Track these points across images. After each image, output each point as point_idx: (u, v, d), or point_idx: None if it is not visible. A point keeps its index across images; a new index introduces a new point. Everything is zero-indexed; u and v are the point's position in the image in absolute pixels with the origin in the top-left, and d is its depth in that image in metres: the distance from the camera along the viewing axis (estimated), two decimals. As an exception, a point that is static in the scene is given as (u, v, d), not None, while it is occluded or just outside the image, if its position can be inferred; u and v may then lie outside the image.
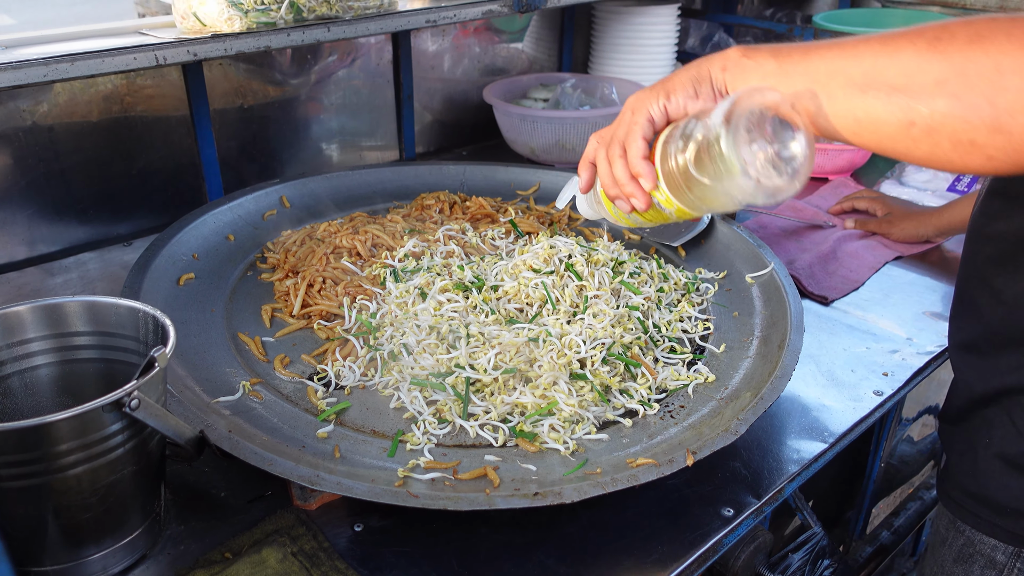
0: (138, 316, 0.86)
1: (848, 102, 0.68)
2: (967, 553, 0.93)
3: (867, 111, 0.67)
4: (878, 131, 0.67)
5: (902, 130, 0.65)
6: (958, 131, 0.62)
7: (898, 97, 0.65)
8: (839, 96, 0.69)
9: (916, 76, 0.63)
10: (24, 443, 0.70)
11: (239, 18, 1.23)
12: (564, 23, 2.24)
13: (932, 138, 0.64)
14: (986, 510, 0.90)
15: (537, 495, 0.82)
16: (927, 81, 0.63)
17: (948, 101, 0.62)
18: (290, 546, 0.84)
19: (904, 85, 0.64)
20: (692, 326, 1.19)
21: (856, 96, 0.67)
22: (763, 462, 0.98)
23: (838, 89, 0.69)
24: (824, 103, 0.70)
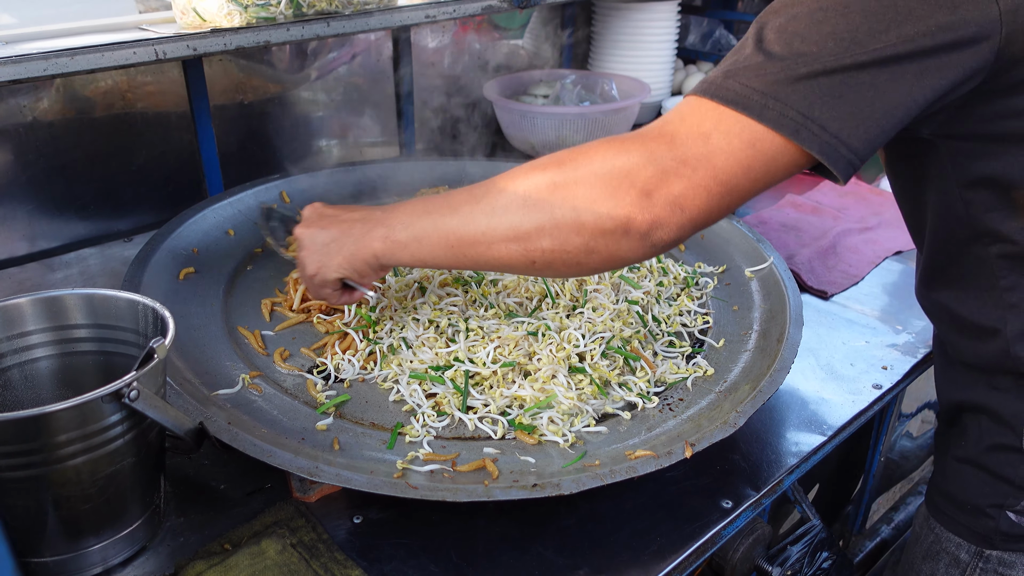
0: (137, 308, 0.86)
1: (481, 255, 0.84)
2: (935, 550, 0.95)
3: (497, 260, 0.83)
4: (511, 268, 0.84)
5: (527, 266, 0.82)
6: (565, 259, 0.79)
7: (515, 247, 0.80)
8: (472, 253, 0.84)
9: (521, 229, 0.79)
10: (23, 434, 0.70)
11: (239, 13, 1.23)
12: (564, 19, 2.24)
13: (551, 267, 0.81)
14: (952, 507, 0.92)
15: (536, 487, 0.82)
16: (530, 231, 0.79)
17: (549, 242, 0.78)
18: (289, 538, 0.84)
19: (515, 237, 0.80)
20: (691, 320, 1.19)
21: (485, 251, 0.83)
22: (762, 455, 0.98)
23: (469, 248, 0.84)
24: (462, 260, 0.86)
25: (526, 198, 0.79)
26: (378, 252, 0.93)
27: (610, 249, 0.76)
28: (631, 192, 0.73)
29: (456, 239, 0.85)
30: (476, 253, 0.84)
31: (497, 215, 0.81)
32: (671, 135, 0.74)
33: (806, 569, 1.04)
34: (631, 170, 0.74)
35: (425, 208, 0.89)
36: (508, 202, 0.81)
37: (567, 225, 0.77)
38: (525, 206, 0.79)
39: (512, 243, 0.81)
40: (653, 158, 0.73)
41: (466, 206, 0.85)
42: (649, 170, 0.73)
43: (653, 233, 0.74)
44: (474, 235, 0.83)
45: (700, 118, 0.73)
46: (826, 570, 1.05)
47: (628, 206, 0.74)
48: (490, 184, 0.84)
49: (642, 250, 0.76)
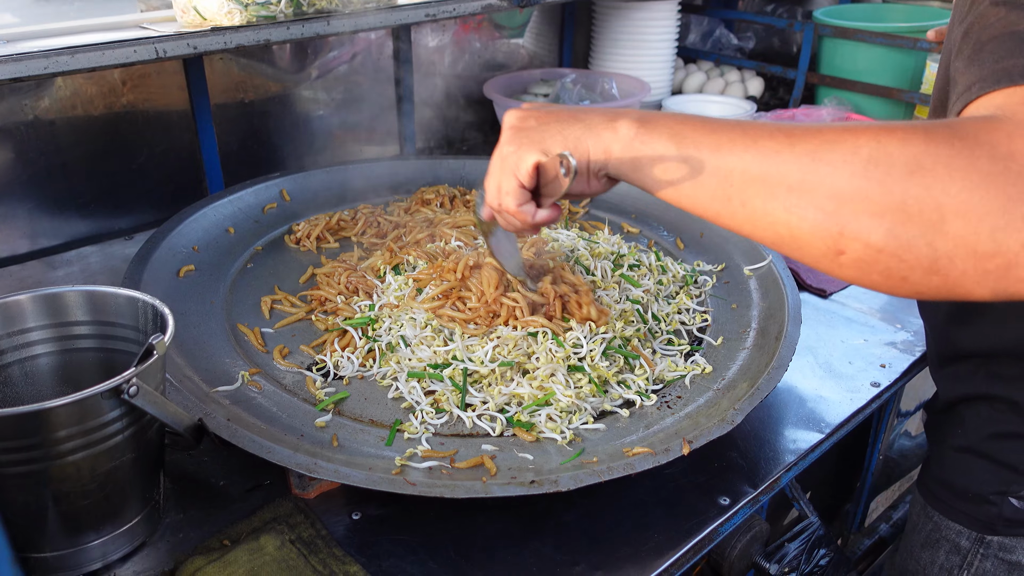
0: (137, 305, 0.87)
1: (767, 215, 0.61)
2: (934, 538, 0.95)
3: (791, 229, 0.60)
4: (801, 249, 0.61)
5: (829, 256, 0.59)
6: (890, 268, 0.56)
7: (827, 223, 0.58)
8: (757, 205, 0.61)
9: (849, 203, 0.57)
10: (23, 429, 0.70)
11: (239, 12, 1.23)
12: (564, 18, 2.24)
13: (862, 268, 0.58)
14: (951, 495, 0.92)
15: (533, 483, 0.82)
16: (860, 210, 0.56)
17: (883, 236, 0.56)
18: (288, 534, 0.84)
19: (834, 210, 0.57)
20: (690, 318, 1.19)
21: (780, 211, 0.60)
22: (760, 452, 0.99)
23: (756, 197, 0.61)
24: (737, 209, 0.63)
25: (871, 163, 0.56)
26: (615, 152, 0.69)
27: (962, 280, 0.55)
28: None
29: (743, 178, 0.62)
30: (763, 207, 0.61)
31: (819, 170, 0.58)
32: None
33: (803, 566, 1.05)
34: None
35: (702, 123, 0.66)
36: (841, 160, 0.57)
37: (921, 225, 0.54)
38: (867, 175, 0.56)
39: (826, 216, 0.57)
40: None
41: (769, 141, 0.61)
42: None
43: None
44: (773, 183, 0.60)
45: None
46: (823, 567, 1.06)
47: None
48: (815, 128, 0.61)
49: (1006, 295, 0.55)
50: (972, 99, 0.59)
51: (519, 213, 0.78)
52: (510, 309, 1.04)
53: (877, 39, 2.01)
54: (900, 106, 2.09)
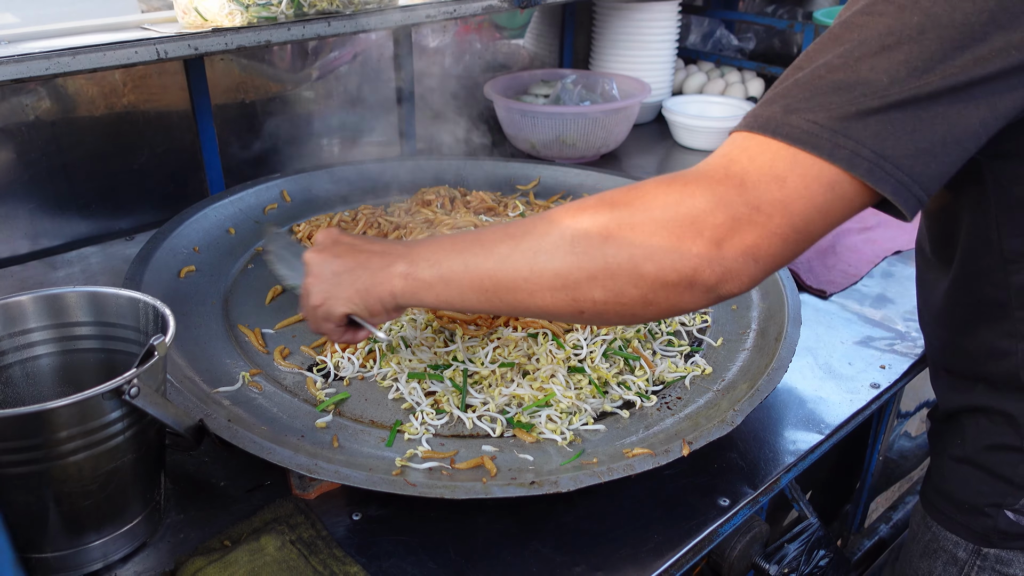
0: (138, 306, 0.87)
1: (521, 303, 0.75)
2: (932, 549, 0.95)
3: (540, 308, 0.75)
4: (556, 317, 0.75)
5: (575, 316, 0.74)
6: (619, 311, 0.71)
7: (561, 295, 0.72)
8: (510, 299, 0.75)
9: (570, 277, 0.71)
10: (25, 430, 0.70)
11: (240, 13, 1.23)
12: (565, 19, 2.25)
13: (602, 317, 0.73)
14: (949, 506, 0.92)
15: (534, 484, 0.83)
16: (580, 279, 0.70)
17: (602, 292, 0.70)
18: (289, 534, 0.84)
19: (562, 286, 0.72)
20: (689, 319, 1.20)
21: (527, 298, 0.74)
22: (760, 453, 0.99)
23: (506, 294, 0.75)
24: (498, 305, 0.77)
25: (575, 242, 0.71)
26: (397, 290, 0.83)
27: (671, 301, 0.69)
28: (698, 241, 0.66)
29: (492, 283, 0.76)
30: (515, 299, 0.75)
31: (541, 260, 0.72)
32: (740, 178, 0.66)
33: (803, 567, 1.05)
34: (698, 216, 0.66)
35: (454, 246, 0.80)
36: (553, 246, 0.72)
37: (623, 275, 0.69)
38: (574, 251, 0.71)
39: (559, 291, 0.72)
40: (722, 203, 0.65)
41: (502, 246, 0.75)
42: (719, 217, 0.65)
43: (722, 286, 0.67)
44: (514, 280, 0.74)
45: (771, 159, 0.65)
46: (823, 568, 1.06)
47: (695, 257, 0.66)
48: (530, 224, 0.75)
49: (706, 301, 0.70)
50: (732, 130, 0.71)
51: (344, 339, 0.93)
52: None
53: (877, 40, 2.01)
54: (900, 107, 2.09)
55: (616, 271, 0.69)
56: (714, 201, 0.66)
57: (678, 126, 2.02)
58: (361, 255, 0.87)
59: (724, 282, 0.67)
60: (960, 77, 0.62)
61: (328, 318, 0.89)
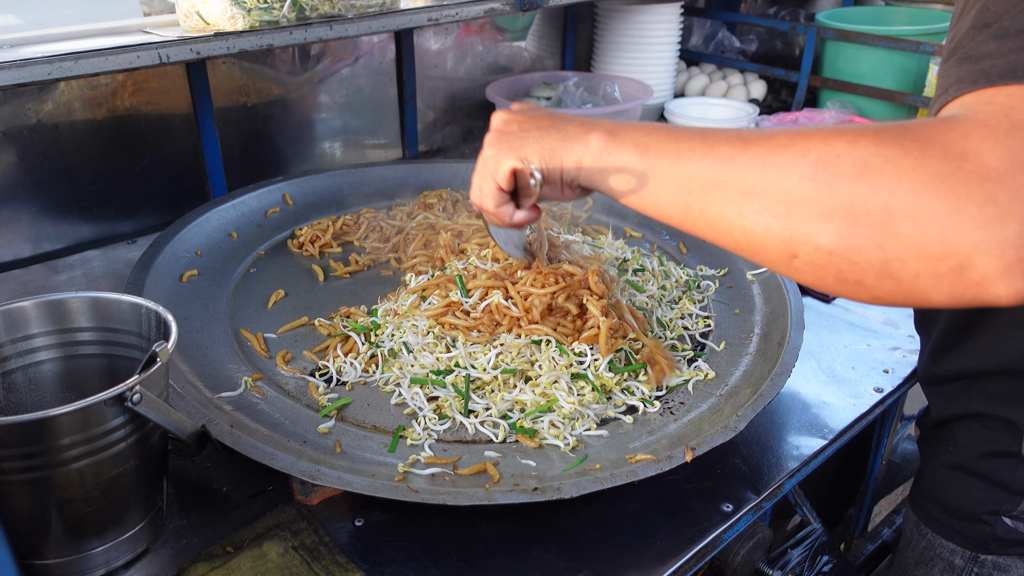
0: (140, 312, 0.87)
1: (724, 219, 0.62)
2: (928, 556, 0.94)
3: (746, 233, 0.61)
4: (758, 254, 0.62)
5: (784, 260, 0.60)
6: (844, 271, 0.56)
7: (779, 226, 0.58)
8: (714, 210, 0.63)
9: (798, 206, 0.57)
10: (27, 437, 0.70)
11: (242, 16, 1.23)
12: (567, 21, 2.24)
13: (816, 272, 0.58)
14: (945, 514, 0.91)
15: (536, 490, 0.82)
16: (809, 213, 0.57)
17: (833, 239, 0.56)
18: (291, 540, 0.84)
19: (785, 213, 0.58)
20: (693, 323, 1.19)
21: (734, 215, 0.61)
22: (763, 458, 0.98)
23: (713, 204, 0.63)
24: (697, 215, 0.65)
25: (820, 165, 0.56)
26: (585, 162, 0.72)
27: (916, 283, 0.53)
28: (989, 210, 0.50)
29: (700, 184, 0.63)
30: (720, 213, 0.62)
31: (770, 174, 0.59)
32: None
33: (807, 573, 1.05)
34: (992, 176, 0.50)
35: (669, 133, 0.68)
36: (791, 161, 0.58)
37: (870, 225, 0.54)
38: (815, 176, 0.56)
39: (778, 220, 0.58)
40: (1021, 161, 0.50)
41: (727, 147, 0.62)
42: (1020, 180, 0.50)
43: (1004, 280, 0.50)
44: (728, 189, 0.61)
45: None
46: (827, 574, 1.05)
47: (980, 231, 0.50)
48: (770, 133, 0.61)
49: (963, 300, 0.53)
50: (948, 100, 0.58)
51: (498, 213, 0.84)
52: (513, 319, 1.04)
53: (880, 42, 2.01)
54: (903, 109, 2.09)
55: (862, 217, 0.54)
56: (1011, 160, 0.50)
57: (680, 128, 2.01)
58: (558, 120, 0.77)
59: (1008, 276, 0.50)
60: None
61: (495, 172, 0.79)
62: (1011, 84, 0.54)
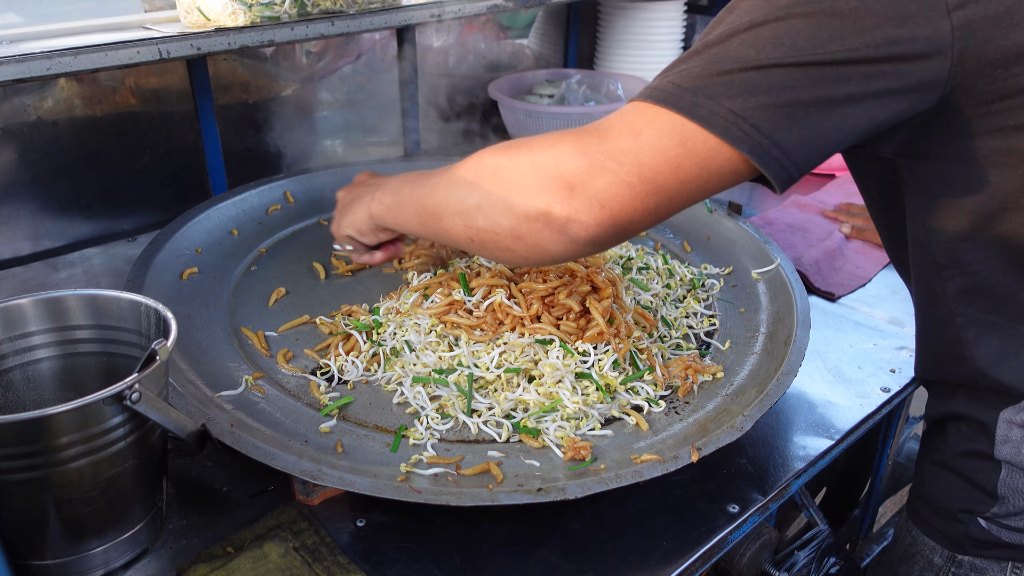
0: (140, 309, 0.86)
1: (438, 226, 0.88)
2: (911, 553, 0.95)
3: (448, 233, 0.87)
4: (459, 243, 0.87)
5: (467, 242, 0.85)
6: (496, 241, 0.81)
7: (460, 220, 0.84)
8: (432, 224, 0.90)
9: (463, 204, 0.83)
10: (25, 436, 0.69)
11: (243, 12, 1.22)
12: (570, 19, 2.23)
13: (485, 247, 0.83)
14: (928, 511, 0.93)
15: (540, 491, 0.81)
16: (470, 207, 0.82)
17: (483, 220, 0.81)
18: (292, 541, 0.83)
19: (459, 211, 0.84)
20: (697, 322, 1.18)
21: (440, 222, 0.88)
22: (769, 459, 0.97)
23: (431, 220, 0.90)
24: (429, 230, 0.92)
25: (474, 176, 0.82)
26: (373, 214, 1.02)
27: (534, 238, 0.77)
28: (556, 182, 0.74)
29: (421, 209, 0.91)
30: (434, 225, 0.89)
31: (452, 190, 0.85)
32: (605, 130, 0.74)
33: (813, 574, 1.03)
34: (560, 161, 0.74)
35: (413, 177, 0.97)
36: (461, 179, 0.84)
37: (499, 207, 0.79)
38: (471, 184, 0.82)
39: (457, 217, 0.84)
40: (583, 151, 0.74)
41: (434, 178, 0.90)
42: (576, 162, 0.73)
43: (570, 227, 0.74)
44: (433, 207, 0.88)
45: (635, 116, 0.73)
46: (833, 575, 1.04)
47: (550, 195, 0.74)
48: (460, 162, 0.86)
49: (563, 245, 0.76)
50: None
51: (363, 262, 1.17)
52: (516, 318, 1.03)
53: (885, 40, 1.99)
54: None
55: (494, 202, 0.79)
56: (577, 149, 0.74)
57: (684, 126, 2.00)
58: (361, 188, 1.08)
59: (571, 223, 0.74)
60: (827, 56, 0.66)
61: (341, 240, 1.12)
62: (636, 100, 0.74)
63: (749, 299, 1.23)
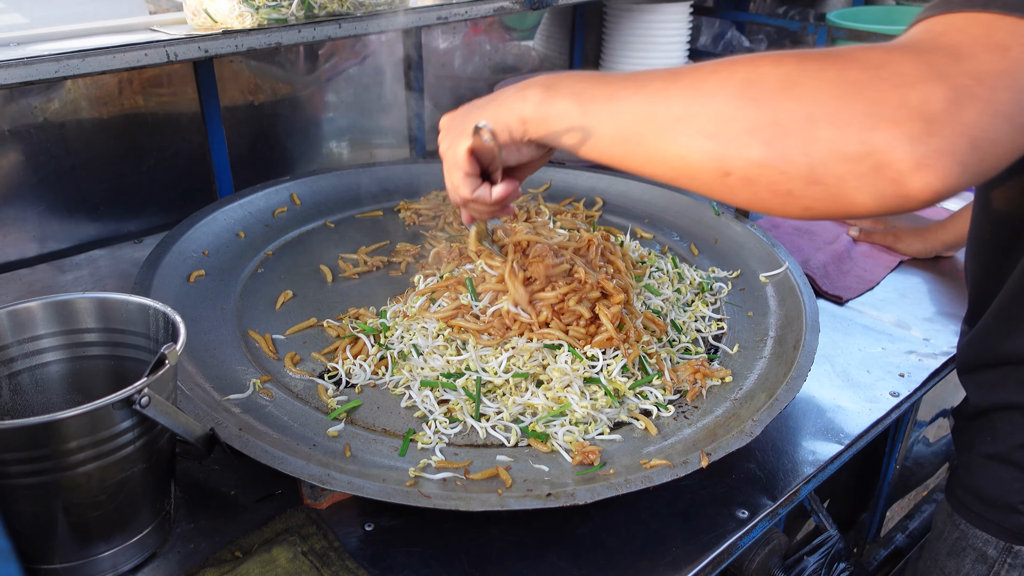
0: (148, 313, 0.86)
1: (660, 149, 0.66)
2: (960, 547, 0.93)
3: (681, 159, 0.64)
4: (695, 178, 0.65)
5: (718, 179, 0.63)
6: (775, 182, 0.59)
7: (711, 146, 0.62)
8: (651, 143, 0.66)
9: (728, 124, 0.61)
10: (34, 440, 0.69)
11: (250, 14, 1.22)
12: (575, 20, 2.23)
13: (750, 188, 0.61)
14: (979, 503, 0.91)
15: (550, 496, 0.81)
16: (738, 130, 0.60)
17: (761, 151, 0.59)
18: (300, 545, 0.83)
19: (715, 132, 0.61)
20: (705, 326, 1.18)
21: (668, 144, 0.65)
22: (778, 463, 0.97)
23: (649, 136, 0.66)
24: (635, 149, 0.68)
25: (746, 84, 0.60)
26: (527, 114, 0.75)
27: (843, 186, 0.56)
28: (903, 112, 0.54)
29: (632, 119, 0.67)
30: (653, 143, 0.66)
31: (700, 99, 0.63)
32: (953, 48, 0.56)
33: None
34: (905, 81, 0.54)
35: (601, 78, 0.72)
36: (719, 84, 0.62)
37: (794, 134, 0.57)
38: (743, 94, 0.60)
39: (709, 140, 0.62)
40: (936, 72, 0.54)
41: (657, 82, 0.66)
42: (932, 87, 0.54)
43: (916, 176, 0.54)
44: (661, 118, 0.65)
45: (987, 30, 0.56)
46: (843, 581, 1.04)
47: (892, 128, 0.54)
48: (699, 65, 0.65)
49: (885, 198, 0.56)
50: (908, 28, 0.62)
51: (477, 198, 0.85)
52: (524, 324, 1.02)
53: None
54: (914, 110, 2.07)
55: (787, 127, 0.57)
56: (926, 69, 0.55)
57: (690, 128, 2.00)
58: (495, 94, 0.82)
59: (921, 170, 0.53)
60: None
61: (456, 161, 0.82)
62: (946, 13, 0.58)
63: (757, 303, 1.22)
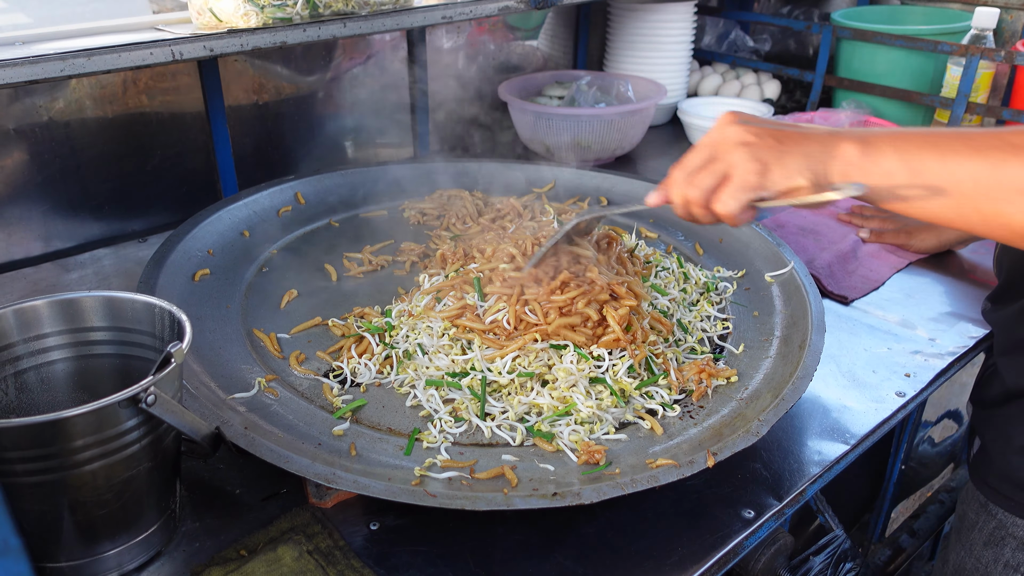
0: (154, 311, 0.86)
1: (998, 215, 0.72)
2: (999, 536, 0.93)
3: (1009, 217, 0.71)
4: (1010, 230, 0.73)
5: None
6: None
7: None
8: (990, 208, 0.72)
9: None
10: (40, 438, 0.69)
11: (255, 13, 1.22)
12: (579, 20, 2.23)
13: None
14: (1020, 492, 0.90)
15: (556, 495, 0.81)
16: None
17: None
18: (306, 544, 0.83)
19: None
20: (711, 326, 1.17)
21: (1013, 212, 0.71)
22: (784, 463, 0.97)
23: (989, 203, 0.72)
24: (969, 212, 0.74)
25: None
26: (846, 171, 0.77)
27: None
28: None
29: (972, 185, 0.72)
30: (995, 210, 0.72)
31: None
32: None
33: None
34: None
35: (920, 136, 0.76)
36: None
37: None
38: None
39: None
40: None
41: (996, 152, 0.71)
42: None
43: None
44: (1005, 186, 0.71)
45: None
46: (849, 581, 1.04)
47: None
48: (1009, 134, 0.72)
49: None
50: None
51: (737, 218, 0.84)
52: (530, 325, 1.02)
53: (896, 41, 1.99)
54: (920, 110, 2.06)
55: None
56: None
57: (694, 128, 2.00)
58: (801, 132, 0.81)
59: None
60: None
61: (764, 185, 0.80)
62: None
63: (762, 302, 1.22)
